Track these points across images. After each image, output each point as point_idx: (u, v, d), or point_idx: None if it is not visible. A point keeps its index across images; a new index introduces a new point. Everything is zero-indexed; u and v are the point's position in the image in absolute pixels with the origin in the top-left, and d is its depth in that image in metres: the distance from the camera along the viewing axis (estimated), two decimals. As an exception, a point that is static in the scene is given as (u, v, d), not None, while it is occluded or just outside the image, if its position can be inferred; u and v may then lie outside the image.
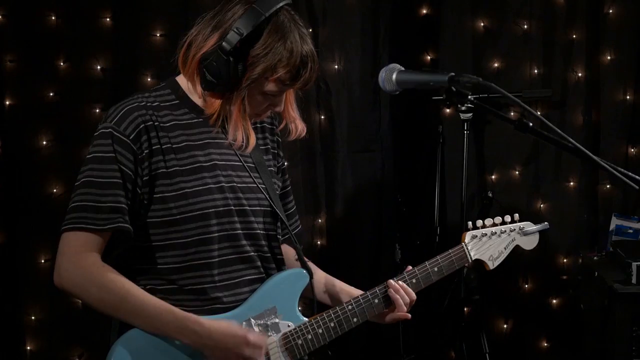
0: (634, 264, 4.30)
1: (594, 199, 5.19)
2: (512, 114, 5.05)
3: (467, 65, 5.14)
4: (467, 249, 2.80)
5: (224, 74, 2.42)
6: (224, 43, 2.40)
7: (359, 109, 5.14)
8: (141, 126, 2.45)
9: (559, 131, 2.19)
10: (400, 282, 2.69)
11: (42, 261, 4.79)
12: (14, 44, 4.76)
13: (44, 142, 4.80)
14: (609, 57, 5.12)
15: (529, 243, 2.93)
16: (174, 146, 2.48)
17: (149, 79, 4.83)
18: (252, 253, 2.58)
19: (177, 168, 2.47)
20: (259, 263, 2.59)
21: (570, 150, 2.21)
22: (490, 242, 2.84)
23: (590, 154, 2.17)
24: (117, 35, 4.86)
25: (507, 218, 2.90)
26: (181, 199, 2.46)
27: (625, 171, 2.16)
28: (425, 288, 2.76)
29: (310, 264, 2.76)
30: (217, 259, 2.51)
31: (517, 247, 2.92)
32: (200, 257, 2.49)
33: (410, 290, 2.69)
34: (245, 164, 2.59)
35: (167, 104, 2.54)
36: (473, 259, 2.81)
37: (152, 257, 2.49)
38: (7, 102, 4.75)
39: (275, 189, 2.67)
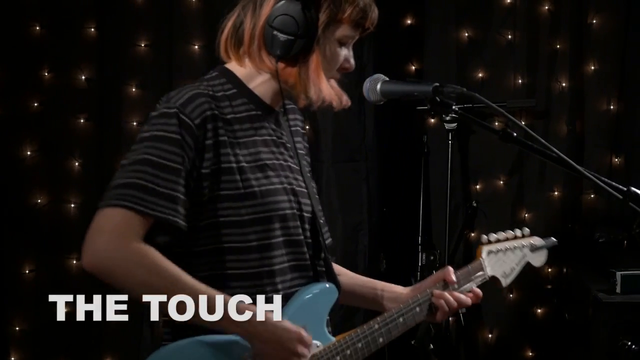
0: (618, 274, 4.32)
1: (578, 208, 5.20)
2: (496, 123, 5.05)
3: (452, 76, 5.14)
4: (485, 264, 2.58)
5: (301, 22, 2.23)
6: None
7: (343, 119, 5.13)
8: (207, 113, 2.20)
9: (543, 141, 2.20)
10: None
11: (27, 271, 4.77)
12: (-2, 54, 4.75)
13: (29, 153, 4.78)
14: (592, 67, 5.14)
15: (538, 260, 2.68)
16: (239, 140, 2.26)
17: (133, 89, 4.81)
18: (308, 262, 2.38)
19: (244, 164, 2.25)
20: (311, 273, 2.38)
21: (554, 160, 2.22)
22: (504, 257, 2.61)
23: (574, 164, 2.18)
24: (102, 45, 4.85)
25: (518, 232, 2.66)
26: (250, 198, 2.24)
27: (609, 181, 2.17)
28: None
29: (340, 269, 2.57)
30: (277, 266, 2.30)
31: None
32: (264, 264, 2.27)
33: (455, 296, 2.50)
34: (299, 167, 2.40)
35: (225, 93, 2.30)
36: (489, 275, 2.59)
37: (211, 262, 2.25)
38: (-9, 112, 4.74)
39: (315, 194, 2.46)
